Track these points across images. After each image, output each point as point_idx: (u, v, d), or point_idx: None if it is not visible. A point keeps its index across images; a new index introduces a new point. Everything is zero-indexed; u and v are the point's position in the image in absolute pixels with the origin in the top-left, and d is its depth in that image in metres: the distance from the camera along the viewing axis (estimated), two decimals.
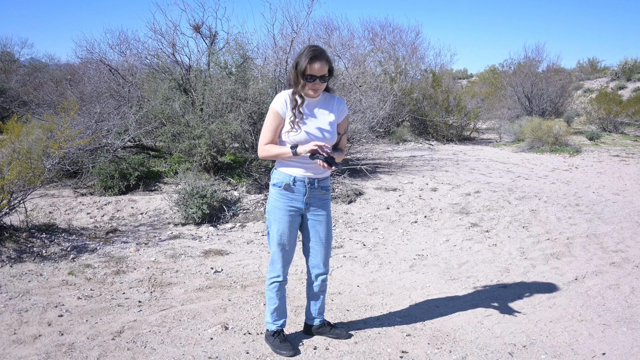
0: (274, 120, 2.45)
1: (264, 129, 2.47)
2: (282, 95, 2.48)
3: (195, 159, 6.22)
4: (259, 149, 2.51)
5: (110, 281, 3.66)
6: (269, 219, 2.58)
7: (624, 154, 11.30)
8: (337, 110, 2.58)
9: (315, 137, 2.47)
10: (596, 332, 3.06)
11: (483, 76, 27.57)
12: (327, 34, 10.61)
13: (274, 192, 2.54)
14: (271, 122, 2.46)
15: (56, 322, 2.95)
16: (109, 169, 6.19)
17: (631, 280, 3.94)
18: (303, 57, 2.38)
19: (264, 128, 2.48)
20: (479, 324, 3.11)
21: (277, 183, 2.53)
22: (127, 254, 4.30)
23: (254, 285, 3.63)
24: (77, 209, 5.65)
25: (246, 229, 5.20)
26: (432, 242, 4.91)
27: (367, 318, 3.12)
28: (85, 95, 8.36)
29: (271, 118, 2.46)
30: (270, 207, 2.57)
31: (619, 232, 5.25)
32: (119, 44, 8.82)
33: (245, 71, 6.55)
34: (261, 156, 2.51)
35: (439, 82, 13.41)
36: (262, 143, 2.49)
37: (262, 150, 2.49)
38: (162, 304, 3.23)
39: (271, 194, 2.56)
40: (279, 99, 2.47)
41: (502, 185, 7.43)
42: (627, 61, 27.16)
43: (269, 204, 2.57)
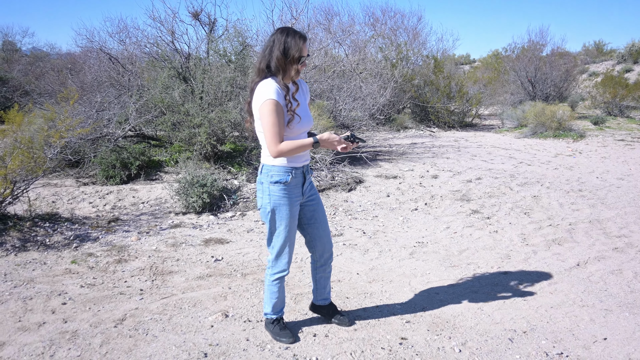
0: (279, 114, 2.24)
1: (272, 127, 2.21)
2: (273, 85, 2.27)
3: (195, 148, 6.21)
4: (275, 150, 2.24)
5: (113, 270, 3.69)
6: (272, 218, 2.43)
7: (629, 138, 11.20)
8: (306, 90, 2.53)
9: (308, 122, 2.40)
10: (598, 318, 3.06)
11: (486, 61, 27.29)
12: (327, 20, 10.50)
13: (276, 190, 2.38)
14: (276, 117, 2.23)
15: (60, 310, 2.99)
16: (110, 158, 6.21)
17: (634, 266, 3.92)
18: (294, 41, 2.28)
19: (270, 126, 2.22)
20: (479, 311, 3.12)
21: (280, 180, 2.37)
22: (129, 242, 4.33)
23: (254, 274, 3.65)
24: (79, 199, 5.68)
25: (246, 217, 5.22)
26: (432, 229, 4.91)
27: (366, 305, 3.14)
28: (86, 85, 8.33)
29: (275, 112, 2.22)
30: (273, 205, 2.40)
31: (622, 217, 5.23)
32: (118, 32, 8.77)
33: (244, 59, 6.50)
34: (280, 156, 2.28)
35: (441, 68, 13.29)
36: (277, 142, 2.24)
37: (279, 151, 2.25)
38: (164, 292, 3.26)
39: (271, 192, 2.38)
40: (273, 89, 2.25)
41: (504, 172, 7.40)
42: (635, 43, 26.76)
43: (271, 203, 2.39)
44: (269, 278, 2.58)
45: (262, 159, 2.42)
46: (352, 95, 8.05)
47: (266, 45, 2.34)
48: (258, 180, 2.46)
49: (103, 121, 6.66)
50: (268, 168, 2.39)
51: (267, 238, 2.53)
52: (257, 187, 2.46)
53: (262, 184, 2.42)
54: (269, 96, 2.23)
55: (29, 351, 2.50)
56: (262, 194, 2.43)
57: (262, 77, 2.32)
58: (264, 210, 2.44)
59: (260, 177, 2.44)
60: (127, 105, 6.91)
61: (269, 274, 2.57)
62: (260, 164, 2.44)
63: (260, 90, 2.27)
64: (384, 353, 2.57)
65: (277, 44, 2.29)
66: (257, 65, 2.34)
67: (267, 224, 2.48)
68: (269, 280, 2.58)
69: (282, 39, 2.29)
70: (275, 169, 2.38)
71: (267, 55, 2.30)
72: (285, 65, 2.30)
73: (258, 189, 2.46)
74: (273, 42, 2.30)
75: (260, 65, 2.32)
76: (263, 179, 2.41)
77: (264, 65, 2.31)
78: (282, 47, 2.28)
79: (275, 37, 2.31)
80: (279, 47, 2.28)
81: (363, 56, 8.85)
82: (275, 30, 2.37)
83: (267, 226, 2.49)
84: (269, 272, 2.57)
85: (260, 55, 2.35)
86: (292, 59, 2.29)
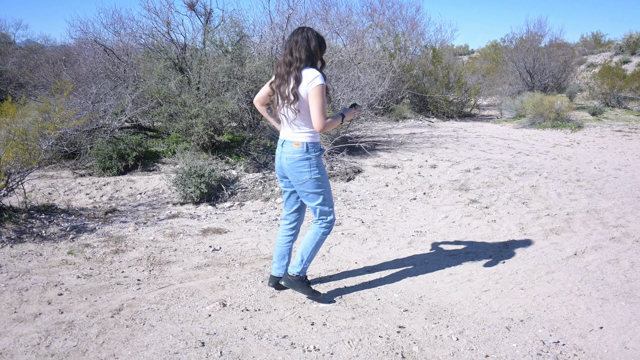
0: (325, 96, 2.66)
1: (322, 106, 2.62)
2: (319, 73, 2.66)
3: (192, 139, 6.18)
4: (323, 125, 2.65)
5: (110, 260, 3.67)
6: (323, 182, 2.84)
7: (626, 129, 11.19)
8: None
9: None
10: (594, 307, 3.06)
11: (484, 52, 27.17)
12: (324, 10, 10.41)
13: (319, 160, 2.82)
14: (324, 98, 2.65)
15: (56, 301, 2.97)
16: (107, 149, 6.17)
17: (631, 255, 3.93)
18: (323, 39, 2.76)
19: (320, 105, 2.62)
20: (477, 299, 3.12)
21: (321, 151, 2.83)
22: (126, 233, 4.31)
23: (252, 263, 3.64)
24: (75, 190, 5.65)
25: (244, 207, 5.20)
26: (430, 218, 4.90)
27: (364, 294, 3.13)
28: (81, 76, 8.24)
29: (324, 95, 2.64)
30: (320, 171, 2.82)
31: (619, 207, 5.23)
32: (112, 24, 8.67)
33: (241, 49, 6.44)
34: (325, 130, 2.69)
35: (439, 59, 13.21)
36: (324, 118, 2.65)
37: (325, 125, 2.66)
38: (161, 282, 3.25)
39: (318, 162, 2.81)
40: (321, 76, 2.65)
41: (503, 162, 7.39)
42: (632, 35, 26.70)
43: (319, 171, 2.81)
44: (321, 236, 2.92)
45: (302, 138, 2.76)
46: (351, 85, 8.00)
47: (298, 39, 2.68)
48: (301, 158, 2.77)
49: (99, 112, 6.60)
50: (312, 144, 2.78)
51: (319, 210, 2.88)
52: (301, 164, 2.77)
53: (309, 159, 2.78)
54: (320, 81, 2.62)
55: (24, 342, 2.48)
56: (309, 167, 2.78)
57: (303, 66, 2.67)
58: (315, 180, 2.81)
59: (306, 154, 2.77)
60: (123, 97, 6.85)
61: (321, 233, 2.91)
62: (302, 143, 2.75)
63: (310, 76, 2.64)
64: (382, 341, 2.57)
65: (312, 38, 2.68)
66: (297, 55, 2.66)
67: (317, 194, 2.84)
68: (322, 237, 2.92)
69: (315, 34, 2.70)
70: (317, 145, 2.81)
71: (305, 47, 2.66)
72: (320, 56, 2.74)
73: (303, 164, 2.77)
74: (308, 36, 2.68)
75: (300, 55, 2.66)
76: (310, 154, 2.77)
77: (304, 55, 2.66)
78: (317, 43, 2.70)
79: (308, 33, 2.69)
80: (315, 41, 2.69)
81: (361, 46, 8.78)
82: (302, 28, 2.74)
83: (317, 197, 2.84)
84: (322, 231, 2.91)
85: (294, 47, 2.67)
86: (323, 51, 2.74)
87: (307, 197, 2.87)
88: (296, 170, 2.78)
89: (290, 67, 2.67)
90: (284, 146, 2.82)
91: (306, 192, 2.84)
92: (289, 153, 2.77)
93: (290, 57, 2.68)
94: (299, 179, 2.80)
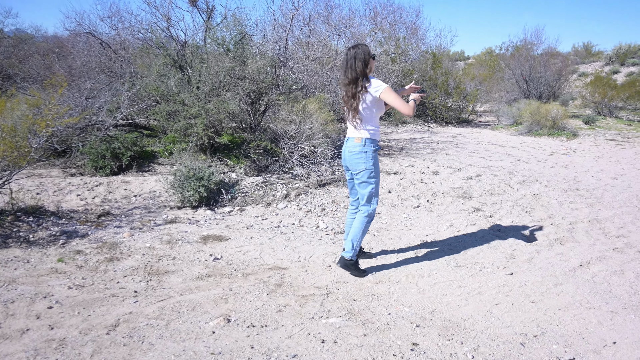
0: (394, 91, 3.27)
1: (398, 98, 3.23)
2: (379, 81, 3.28)
3: (191, 139, 6.00)
4: (410, 110, 3.23)
5: (103, 269, 3.49)
6: (375, 175, 3.39)
7: (619, 138, 11.25)
8: None
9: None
10: (605, 320, 3.01)
11: (480, 58, 27.28)
12: (327, 11, 10.27)
13: (375, 155, 3.37)
14: (395, 93, 3.25)
15: (45, 315, 2.76)
16: (100, 148, 5.95)
17: (635, 266, 3.90)
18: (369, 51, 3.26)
19: (397, 98, 3.22)
20: (489, 313, 3.02)
21: (377, 147, 3.39)
22: (121, 239, 4.12)
23: (256, 274, 3.49)
24: (66, 190, 5.43)
25: (245, 213, 5.04)
26: (435, 227, 4.80)
27: (374, 308, 3.01)
28: (75, 70, 7.99)
29: (393, 91, 3.24)
30: (375, 166, 3.37)
31: (620, 217, 5.20)
32: (110, 17, 8.40)
33: (243, 48, 6.28)
34: (413, 113, 3.26)
35: (439, 64, 13.17)
36: (406, 106, 3.22)
37: (412, 109, 3.25)
38: (160, 294, 3.08)
39: (373, 157, 3.36)
40: (382, 82, 3.28)
41: (503, 169, 7.33)
42: (622, 46, 27.14)
43: (374, 165, 3.37)
44: (367, 224, 3.47)
45: (362, 135, 3.33)
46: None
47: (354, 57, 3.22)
48: (360, 151, 3.34)
49: (93, 109, 6.38)
50: (370, 140, 3.34)
51: (366, 196, 3.42)
52: (359, 156, 3.34)
53: (365, 152, 3.34)
54: (384, 85, 3.25)
55: None
56: (365, 160, 3.34)
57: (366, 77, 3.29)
58: (368, 171, 3.36)
59: (363, 148, 3.33)
60: (119, 93, 6.64)
61: (366, 221, 3.46)
62: (362, 139, 3.32)
63: (374, 86, 3.25)
64: None
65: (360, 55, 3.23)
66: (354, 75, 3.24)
67: (368, 183, 3.39)
68: (367, 225, 3.48)
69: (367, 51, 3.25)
70: (374, 141, 3.36)
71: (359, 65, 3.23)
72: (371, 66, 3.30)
73: (360, 157, 3.34)
74: (358, 55, 3.22)
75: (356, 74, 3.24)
76: (367, 149, 3.34)
77: (356, 75, 3.24)
78: (366, 57, 3.25)
79: (362, 49, 3.24)
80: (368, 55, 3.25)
81: None
82: (354, 46, 3.28)
83: (368, 186, 3.40)
84: (366, 219, 3.46)
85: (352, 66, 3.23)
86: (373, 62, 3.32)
87: (360, 185, 3.42)
88: (355, 161, 3.36)
89: (349, 86, 3.26)
90: (347, 142, 3.41)
91: (360, 180, 3.39)
92: (351, 147, 3.36)
93: (348, 79, 3.25)
94: (356, 168, 3.38)
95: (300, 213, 5.10)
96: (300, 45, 8.17)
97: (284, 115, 6.54)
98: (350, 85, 3.25)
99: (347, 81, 3.25)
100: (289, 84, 6.95)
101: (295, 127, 6.38)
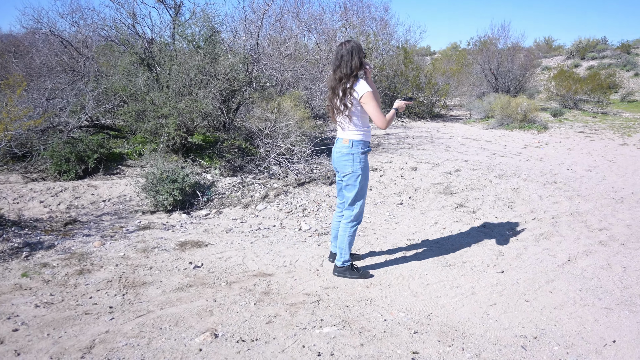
0: (375, 99, 3.08)
1: (376, 108, 3.06)
2: (364, 83, 3.08)
3: (162, 140, 5.69)
4: (384, 124, 3.08)
5: (74, 283, 3.20)
6: (361, 180, 3.22)
7: (587, 130, 11.56)
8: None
9: None
10: (601, 317, 2.97)
11: (445, 53, 27.71)
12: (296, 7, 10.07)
13: (364, 158, 3.21)
14: (375, 101, 3.07)
15: (10, 339, 2.47)
16: (63, 151, 5.57)
17: (621, 260, 3.91)
18: (361, 49, 3.08)
19: (375, 108, 3.05)
20: (485, 315, 2.93)
21: (367, 150, 3.22)
22: (91, 249, 3.83)
23: (240, 282, 3.28)
24: (27, 197, 5.05)
25: (223, 215, 4.81)
26: (420, 225, 4.71)
27: (369, 315, 2.86)
28: (33, 70, 7.49)
29: (374, 98, 3.07)
30: (363, 169, 3.21)
31: (599, 210, 5.26)
32: (70, 13, 7.90)
33: (214, 45, 6.01)
34: (387, 126, 3.12)
35: (410, 59, 13.19)
36: (383, 117, 3.09)
37: (386, 122, 3.09)
38: (138, 309, 2.83)
39: (361, 159, 3.20)
40: (367, 86, 3.07)
41: (480, 163, 7.35)
42: (581, 40, 28.09)
43: (362, 168, 3.20)
44: (350, 230, 3.32)
45: (350, 136, 3.17)
46: (326, 84, 7.73)
47: (343, 54, 3.04)
48: (347, 153, 3.18)
49: (55, 110, 5.98)
50: (358, 142, 3.18)
51: (351, 199, 3.27)
52: (346, 158, 3.19)
53: (353, 155, 3.18)
54: (367, 89, 3.05)
55: None
56: (353, 162, 3.19)
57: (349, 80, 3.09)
58: (355, 174, 3.21)
59: (351, 150, 3.17)
60: (82, 93, 6.25)
61: (349, 227, 3.32)
62: (349, 140, 3.17)
63: (358, 88, 3.07)
64: None
65: (355, 53, 3.05)
66: (345, 72, 3.05)
67: (354, 186, 3.24)
68: (350, 231, 3.32)
69: (357, 49, 3.07)
70: (363, 143, 3.19)
71: (349, 62, 3.05)
72: (362, 64, 3.11)
73: (347, 159, 3.19)
74: (351, 51, 3.05)
75: (346, 70, 3.06)
76: (354, 150, 3.17)
77: (349, 70, 3.05)
78: (359, 55, 3.07)
79: (349, 46, 3.05)
80: (357, 55, 3.06)
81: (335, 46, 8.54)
82: (345, 42, 3.09)
83: (353, 189, 3.24)
84: (349, 226, 3.32)
85: (341, 64, 3.05)
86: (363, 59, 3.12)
87: (346, 188, 3.29)
88: (342, 163, 3.22)
89: (340, 82, 3.08)
90: (336, 142, 3.28)
91: (346, 182, 3.26)
92: (339, 148, 3.23)
93: (341, 74, 3.07)
94: (343, 171, 3.24)
95: (280, 214, 4.91)
96: (272, 42, 7.96)
97: (259, 113, 6.32)
98: (341, 82, 3.08)
99: (339, 76, 3.08)
100: (262, 81, 6.72)
101: (271, 125, 6.18)
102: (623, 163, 7.92)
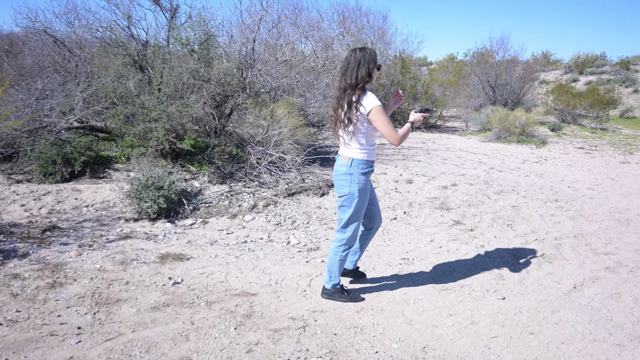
0: (385, 113, 2.80)
1: (387, 123, 2.78)
2: (373, 96, 2.80)
3: (150, 144, 5.47)
4: (398, 140, 2.81)
5: (43, 298, 2.97)
6: (357, 202, 2.93)
7: (587, 146, 11.43)
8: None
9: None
10: (613, 356, 2.74)
11: (442, 64, 27.67)
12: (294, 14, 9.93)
13: (363, 179, 2.91)
14: (385, 116, 2.79)
15: None
16: (50, 152, 5.35)
17: (630, 288, 3.68)
18: (375, 59, 2.82)
19: (385, 123, 2.77)
20: (487, 349, 2.72)
21: (368, 171, 2.92)
22: (67, 259, 3.59)
23: (222, 301, 3.06)
24: (9, 200, 4.82)
25: (209, 225, 4.59)
26: (415, 242, 4.50)
27: (359, 344, 2.65)
28: (25, 69, 7.30)
29: (384, 113, 2.78)
30: (360, 191, 2.92)
31: (604, 232, 5.06)
32: (66, 13, 7.72)
33: (209, 49, 5.81)
34: (401, 142, 2.85)
35: (408, 69, 13.07)
36: (395, 132, 2.81)
37: (399, 139, 2.82)
38: (108, 331, 2.60)
39: (360, 180, 2.90)
40: (376, 99, 2.79)
41: (478, 178, 7.17)
42: (580, 55, 28.17)
43: (359, 190, 2.91)
44: (340, 253, 3.07)
45: (350, 154, 2.89)
46: (322, 92, 7.56)
47: (350, 61, 2.80)
48: (345, 172, 2.90)
49: (44, 110, 5.76)
50: (358, 162, 2.88)
51: (344, 221, 2.99)
52: (344, 177, 2.91)
53: (351, 175, 2.89)
54: (376, 103, 2.76)
55: None
56: (350, 182, 2.91)
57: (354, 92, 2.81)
58: (351, 196, 2.92)
59: (349, 169, 2.89)
60: (73, 94, 6.03)
61: (340, 250, 3.06)
62: (349, 158, 2.89)
63: (366, 101, 2.79)
64: None
65: (363, 62, 2.78)
66: (350, 82, 2.79)
67: (348, 207, 2.95)
68: (341, 255, 3.07)
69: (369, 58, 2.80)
70: (365, 162, 2.89)
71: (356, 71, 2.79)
72: (373, 76, 2.85)
73: (345, 178, 2.91)
74: (360, 60, 2.78)
75: (352, 80, 2.79)
76: (353, 170, 2.89)
77: (355, 80, 2.79)
78: (375, 64, 2.83)
79: (358, 54, 2.79)
80: (371, 64, 2.81)
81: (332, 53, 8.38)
82: (355, 50, 2.83)
83: (347, 211, 2.96)
84: (340, 249, 3.06)
85: (347, 72, 2.80)
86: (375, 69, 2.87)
87: (340, 209, 3.02)
88: (339, 182, 2.96)
89: (344, 92, 2.81)
90: (337, 159, 3.03)
91: (341, 203, 2.99)
92: (337, 165, 2.98)
93: (345, 83, 2.80)
94: (339, 191, 2.98)
95: (269, 226, 4.70)
96: (268, 47, 7.78)
97: (251, 119, 6.13)
98: (346, 92, 2.79)
99: (344, 86, 2.80)
100: (256, 86, 6.53)
101: (263, 131, 5.97)
102: (626, 182, 7.75)
